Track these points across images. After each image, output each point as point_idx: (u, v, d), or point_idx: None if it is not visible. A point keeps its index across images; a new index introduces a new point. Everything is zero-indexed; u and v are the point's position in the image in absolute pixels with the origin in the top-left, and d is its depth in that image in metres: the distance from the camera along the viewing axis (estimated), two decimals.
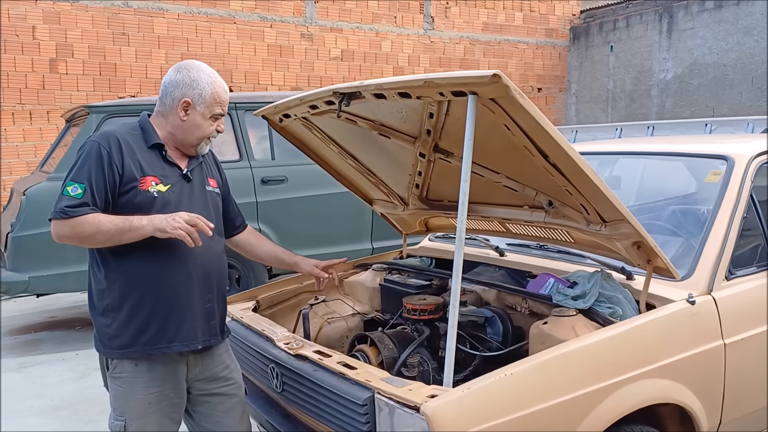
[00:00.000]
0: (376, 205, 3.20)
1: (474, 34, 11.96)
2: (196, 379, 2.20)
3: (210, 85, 2.16)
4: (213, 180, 2.32)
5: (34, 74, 8.54)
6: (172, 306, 2.07)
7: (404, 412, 1.76)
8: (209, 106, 2.15)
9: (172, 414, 2.16)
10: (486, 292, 2.66)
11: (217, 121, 2.20)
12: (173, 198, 2.10)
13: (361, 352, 2.38)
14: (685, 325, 2.17)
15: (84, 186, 1.98)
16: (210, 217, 2.15)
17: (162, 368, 2.10)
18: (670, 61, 11.15)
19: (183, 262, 2.08)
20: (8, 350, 5.10)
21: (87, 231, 1.96)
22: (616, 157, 3.30)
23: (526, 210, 2.47)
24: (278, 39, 10.20)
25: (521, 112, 1.83)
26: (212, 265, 2.19)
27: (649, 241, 2.09)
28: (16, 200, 5.13)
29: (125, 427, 2.10)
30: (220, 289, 2.25)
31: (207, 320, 2.16)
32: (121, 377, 2.10)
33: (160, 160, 2.14)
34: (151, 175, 2.08)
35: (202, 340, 2.14)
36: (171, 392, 2.13)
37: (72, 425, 3.69)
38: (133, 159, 2.07)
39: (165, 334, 2.07)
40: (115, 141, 2.06)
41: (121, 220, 1.98)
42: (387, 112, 2.38)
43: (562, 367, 1.90)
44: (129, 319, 2.05)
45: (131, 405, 2.09)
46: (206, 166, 2.31)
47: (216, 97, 2.17)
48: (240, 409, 2.29)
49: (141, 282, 2.05)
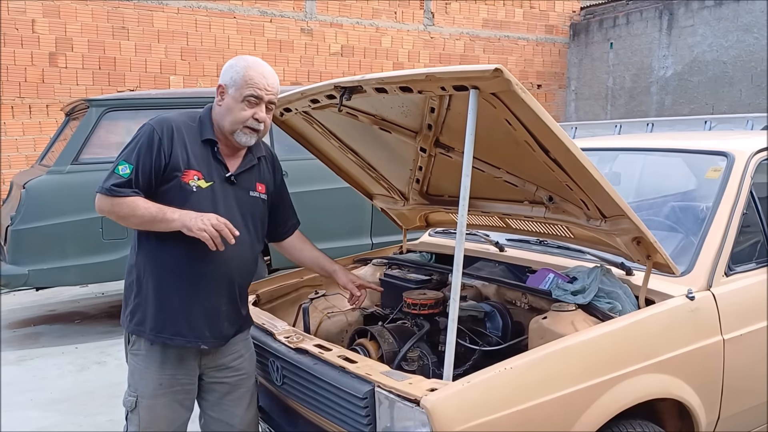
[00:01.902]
0: (376, 200, 3.20)
1: (474, 30, 11.95)
2: (208, 367, 2.23)
3: (244, 69, 2.13)
4: (262, 185, 2.29)
5: (34, 68, 8.52)
6: (183, 301, 2.10)
7: (404, 405, 1.77)
8: (240, 88, 2.12)
9: (184, 400, 2.20)
10: (486, 287, 2.66)
11: (254, 107, 2.13)
12: (211, 196, 2.12)
13: (361, 346, 2.38)
14: (684, 320, 2.17)
15: (132, 167, 2.04)
16: (246, 224, 2.18)
17: (175, 353, 2.15)
18: (669, 59, 11.15)
19: (206, 262, 2.10)
20: (8, 343, 5.11)
21: (124, 212, 2.03)
22: (616, 153, 3.30)
23: (526, 205, 2.47)
24: (278, 34, 10.18)
25: (522, 106, 1.83)
26: (237, 271, 2.18)
27: (648, 237, 2.10)
28: (16, 193, 5.13)
29: (136, 404, 2.15)
30: (239, 294, 2.23)
31: (216, 323, 2.16)
32: (138, 354, 2.16)
33: (209, 156, 2.16)
34: (196, 170, 2.10)
35: (207, 341, 2.15)
36: (184, 378, 2.18)
37: (72, 418, 3.70)
38: (182, 149, 2.10)
39: (171, 325, 2.11)
40: (169, 128, 2.10)
41: (156, 209, 2.03)
42: (388, 107, 2.38)
43: (562, 361, 1.91)
44: (144, 300, 2.12)
45: (144, 383, 2.15)
46: (260, 169, 2.29)
47: (248, 79, 2.12)
48: (248, 399, 2.32)
49: (162, 270, 2.11)
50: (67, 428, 3.58)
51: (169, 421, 2.18)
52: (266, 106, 2.17)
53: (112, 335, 5.19)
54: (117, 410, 3.70)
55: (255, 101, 2.13)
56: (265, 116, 2.17)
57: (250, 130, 2.15)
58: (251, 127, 2.15)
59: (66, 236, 4.79)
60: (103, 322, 5.66)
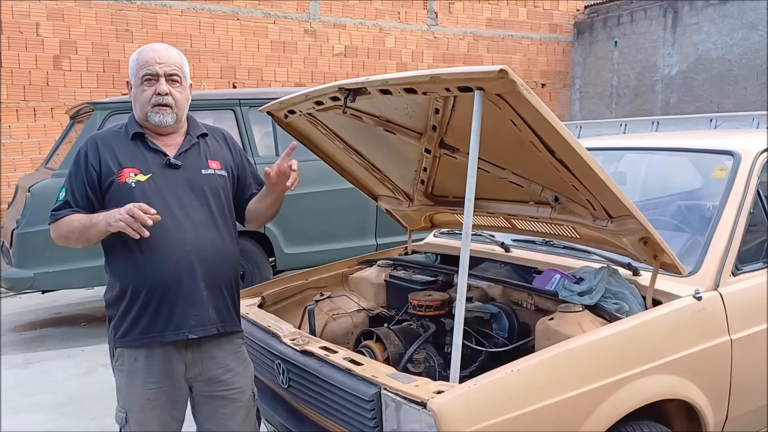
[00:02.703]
0: (381, 201, 3.20)
1: (478, 30, 11.93)
2: (197, 380, 2.17)
3: (136, 55, 2.15)
4: (216, 162, 2.23)
5: (38, 71, 8.54)
6: (162, 296, 2.07)
7: (411, 407, 1.76)
8: (136, 73, 2.14)
9: (173, 411, 2.16)
10: (492, 288, 2.65)
11: (153, 84, 2.10)
12: (155, 186, 2.10)
13: (367, 348, 2.38)
14: (691, 320, 2.16)
15: (66, 189, 2.10)
16: (206, 203, 2.15)
17: (159, 363, 2.10)
18: (674, 57, 11.11)
19: (170, 251, 2.06)
20: (14, 346, 5.12)
21: (63, 231, 2.09)
22: (622, 153, 3.29)
23: (531, 206, 2.46)
24: (281, 35, 10.18)
25: (528, 107, 1.82)
26: (205, 253, 2.11)
27: (655, 237, 2.08)
28: (21, 197, 5.14)
29: (126, 419, 2.13)
30: (218, 276, 2.15)
31: (198, 310, 2.10)
32: (122, 369, 2.13)
33: (142, 150, 2.15)
34: (130, 167, 2.10)
35: (194, 330, 2.09)
36: (169, 389, 2.13)
37: (77, 421, 3.70)
38: (110, 155, 2.11)
39: (157, 323, 2.07)
40: (93, 142, 2.15)
41: (85, 218, 2.05)
42: (392, 108, 2.38)
43: (569, 362, 1.90)
44: (126, 311, 2.09)
45: (131, 398, 2.12)
46: (207, 146, 2.25)
47: (140, 60, 2.13)
48: (243, 413, 2.23)
49: (132, 275, 2.08)
50: (72, 431, 3.58)
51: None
52: (168, 79, 2.12)
53: None
54: None
55: (152, 78, 2.11)
56: (168, 88, 2.12)
57: (159, 107, 2.12)
58: (158, 104, 2.12)
59: None
60: None
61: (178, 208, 2.10)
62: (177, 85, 2.14)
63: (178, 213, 2.09)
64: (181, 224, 2.08)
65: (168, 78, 2.12)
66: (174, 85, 2.13)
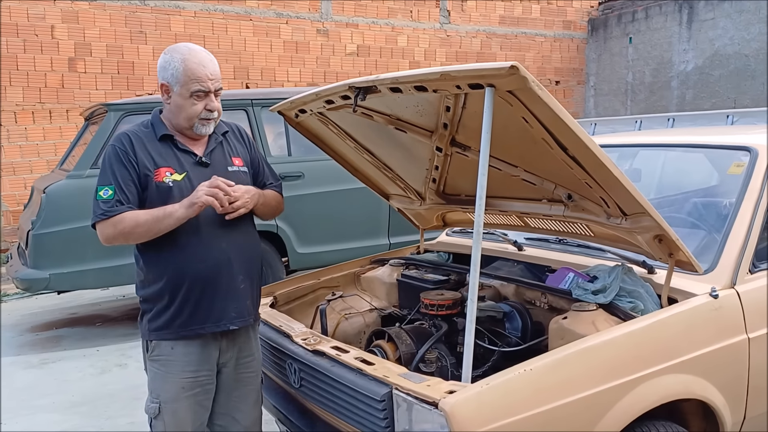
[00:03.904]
0: (392, 200, 3.19)
1: (491, 28, 11.88)
2: (226, 365, 2.28)
3: (181, 63, 2.13)
4: (238, 158, 2.32)
5: (54, 73, 8.62)
6: (203, 290, 2.15)
7: (422, 407, 1.75)
8: (184, 84, 2.13)
9: (204, 401, 2.23)
10: (504, 287, 2.63)
11: (203, 99, 2.15)
12: (190, 185, 2.15)
13: (378, 348, 2.37)
14: (708, 319, 2.13)
15: (113, 186, 2.10)
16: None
17: (198, 351, 2.18)
18: (690, 52, 11.00)
19: (209, 247, 2.16)
20: (30, 346, 5.17)
21: (128, 226, 2.08)
22: (636, 150, 3.25)
23: (544, 204, 2.44)
24: (294, 35, 10.20)
25: (539, 104, 1.80)
26: (240, 245, 2.23)
27: (670, 235, 2.05)
28: (36, 198, 5.18)
29: (159, 410, 2.18)
30: (251, 268, 2.27)
31: (238, 301, 2.22)
32: (158, 359, 2.19)
33: (173, 150, 2.20)
34: (165, 166, 2.15)
35: (235, 321, 2.21)
36: (204, 378, 2.21)
37: (93, 421, 3.72)
38: (145, 153, 2.15)
39: (197, 316, 2.15)
40: (127, 138, 2.16)
41: (157, 210, 2.08)
42: (403, 107, 2.36)
43: (583, 362, 1.87)
44: (165, 306, 2.16)
45: (166, 387, 2.17)
46: (229, 145, 2.33)
47: (189, 73, 2.12)
48: (254, 396, 2.36)
49: (174, 271, 2.14)
50: (88, 431, 3.60)
51: (193, 422, 2.21)
52: (215, 93, 2.19)
53: (132, 338, 5.22)
54: (138, 413, 3.72)
55: (203, 95, 2.15)
56: (217, 104, 2.19)
57: (206, 120, 2.19)
58: (206, 118, 2.18)
59: (86, 240, 4.80)
60: (124, 324, 5.70)
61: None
62: (218, 96, 2.21)
63: (212, 209, 2.14)
64: (218, 221, 2.16)
65: (215, 92, 2.19)
66: (217, 97, 2.21)
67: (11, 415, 3.83)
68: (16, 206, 8.52)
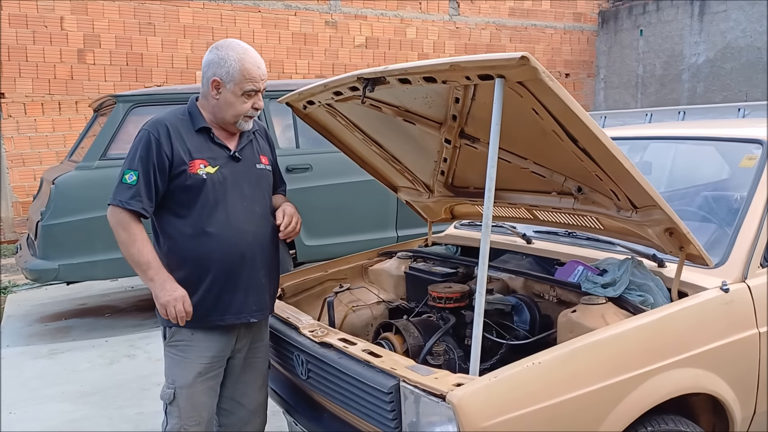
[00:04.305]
0: (400, 193, 3.17)
1: (500, 20, 11.82)
2: (240, 351, 2.34)
3: (238, 62, 2.19)
4: (265, 157, 2.39)
5: (63, 65, 8.64)
6: (225, 283, 2.20)
7: (430, 400, 1.74)
8: (239, 83, 2.19)
9: (216, 386, 2.30)
10: (513, 280, 2.62)
11: (252, 98, 2.23)
12: (221, 179, 2.20)
13: (386, 340, 2.36)
14: (718, 313, 2.11)
15: (137, 172, 2.13)
16: (260, 196, 2.31)
17: (217, 338, 2.24)
18: (701, 45, 10.91)
19: (237, 241, 2.21)
20: (39, 337, 5.20)
21: (121, 237, 2.14)
22: (647, 142, 3.22)
23: (554, 196, 2.42)
24: (302, 27, 10.18)
25: (550, 95, 1.78)
26: (264, 243, 2.30)
27: (681, 228, 2.03)
28: (46, 189, 5.20)
29: (174, 395, 2.22)
30: (272, 263, 2.35)
31: (258, 295, 2.29)
32: (177, 345, 2.24)
33: (209, 143, 2.24)
34: (200, 158, 2.18)
35: (255, 314, 2.27)
36: (218, 364, 2.27)
37: (102, 411, 3.74)
38: (181, 144, 2.18)
39: (218, 307, 2.21)
40: (164, 127, 2.19)
41: (144, 260, 2.12)
42: (412, 98, 2.35)
43: (592, 355, 1.86)
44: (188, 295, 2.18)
45: (183, 373, 2.22)
46: (258, 143, 2.39)
47: (245, 73, 2.19)
48: (260, 381, 2.44)
49: (196, 262, 2.19)
50: (97, 421, 3.62)
51: (208, 407, 2.27)
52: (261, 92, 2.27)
53: (141, 329, 5.25)
54: (147, 403, 3.75)
55: (253, 94, 2.24)
56: (262, 103, 2.30)
57: (250, 117, 2.29)
58: (251, 115, 2.28)
59: (95, 231, 4.84)
60: (132, 315, 5.73)
61: (241, 200, 2.24)
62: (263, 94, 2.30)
63: (241, 204, 2.23)
64: (246, 215, 2.23)
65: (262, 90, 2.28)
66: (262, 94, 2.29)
67: (21, 404, 3.85)
68: (26, 197, 8.57)
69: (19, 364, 4.54)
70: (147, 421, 3.55)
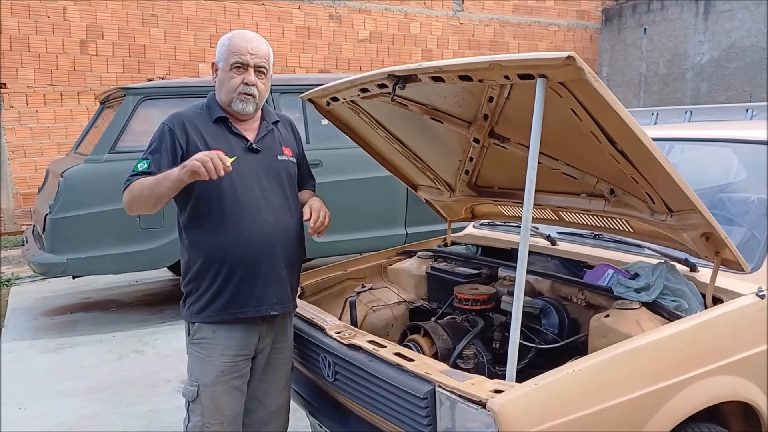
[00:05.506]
0: (420, 191, 3.13)
1: (504, 16, 11.77)
2: (263, 350, 2.31)
3: (228, 40, 2.22)
4: (288, 149, 2.37)
5: (65, 56, 8.56)
6: (244, 274, 2.18)
7: (467, 407, 1.70)
8: (226, 59, 2.21)
9: (242, 385, 2.27)
10: (539, 282, 2.58)
11: (242, 73, 2.19)
12: (239, 169, 2.17)
13: (414, 343, 2.32)
14: (755, 320, 2.07)
15: (149, 161, 2.14)
16: (281, 188, 2.27)
17: (239, 336, 2.21)
18: (706, 44, 10.88)
19: (254, 232, 2.18)
20: (45, 331, 5.14)
21: (136, 190, 2.10)
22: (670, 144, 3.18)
23: (584, 198, 2.38)
24: (306, 20, 10.12)
25: (593, 96, 1.74)
26: (284, 235, 2.25)
27: (720, 233, 2.00)
28: (53, 182, 5.13)
29: (198, 393, 2.20)
30: (293, 258, 2.30)
31: (278, 288, 2.25)
32: (200, 343, 2.22)
33: (226, 133, 2.24)
34: (216, 149, 2.14)
35: (276, 307, 2.24)
36: (242, 362, 2.24)
37: (112, 407, 3.70)
38: (197, 135, 2.19)
39: (238, 300, 2.18)
40: (179, 120, 2.20)
41: (159, 174, 2.09)
42: (441, 96, 2.31)
43: (632, 363, 1.82)
44: (206, 288, 2.19)
45: (206, 371, 2.20)
46: (280, 134, 2.37)
47: (231, 47, 2.20)
48: (283, 382, 2.41)
49: (216, 254, 2.17)
50: (108, 417, 3.58)
51: (231, 406, 2.23)
52: (256, 71, 2.21)
53: (148, 324, 5.20)
54: (157, 400, 3.71)
55: (241, 67, 2.19)
56: (255, 80, 2.21)
57: (245, 95, 2.21)
58: (244, 92, 2.21)
59: (104, 225, 4.79)
60: (138, 310, 5.68)
61: (260, 191, 2.22)
62: (263, 76, 2.25)
63: (259, 195, 2.21)
64: (263, 206, 2.21)
65: (256, 69, 2.22)
66: (260, 76, 2.24)
67: (31, 399, 3.81)
68: (27, 189, 8.50)
69: (27, 359, 4.49)
70: (159, 419, 3.51)
